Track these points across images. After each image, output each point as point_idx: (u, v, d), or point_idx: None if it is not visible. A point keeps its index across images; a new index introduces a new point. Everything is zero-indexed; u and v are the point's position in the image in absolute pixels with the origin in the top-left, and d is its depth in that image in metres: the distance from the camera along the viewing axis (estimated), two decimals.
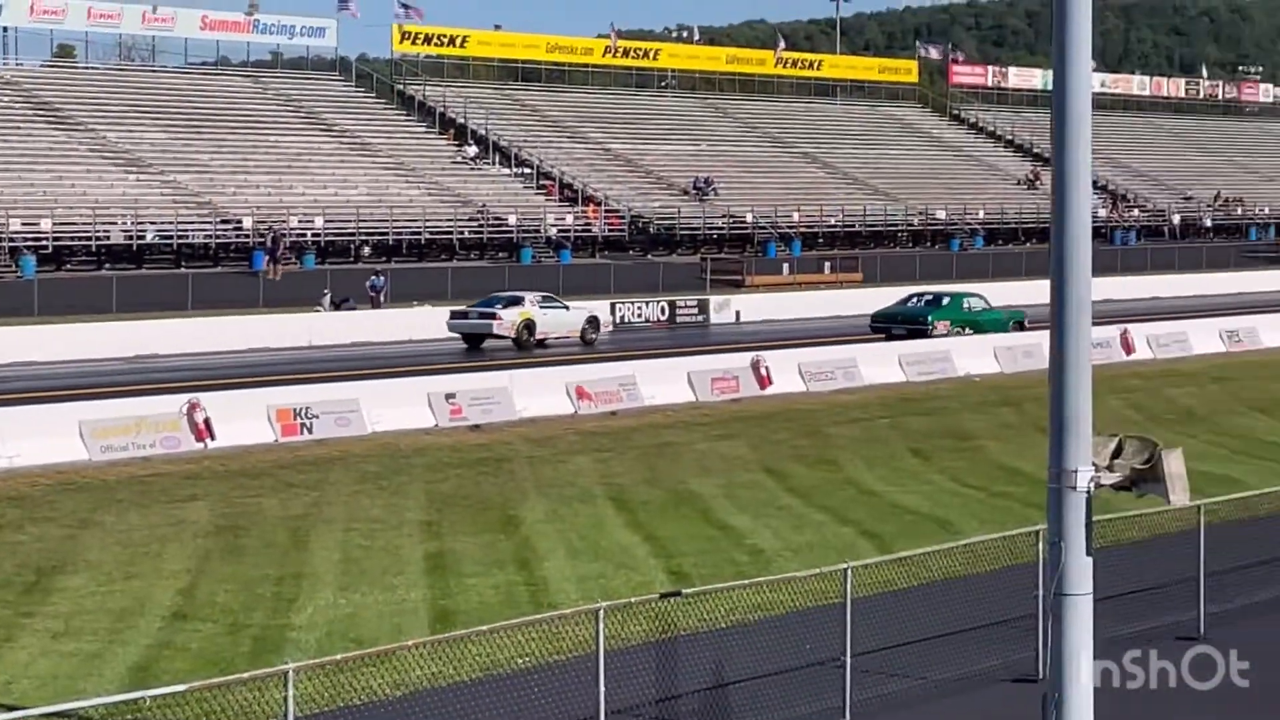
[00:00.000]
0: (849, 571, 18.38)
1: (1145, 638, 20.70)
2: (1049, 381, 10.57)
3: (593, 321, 59.56)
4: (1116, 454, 10.78)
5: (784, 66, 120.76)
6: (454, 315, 58.40)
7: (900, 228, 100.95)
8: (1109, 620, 17.60)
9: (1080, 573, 10.41)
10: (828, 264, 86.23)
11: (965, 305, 60.89)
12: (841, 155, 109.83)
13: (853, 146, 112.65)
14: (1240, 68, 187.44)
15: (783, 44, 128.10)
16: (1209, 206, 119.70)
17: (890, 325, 59.01)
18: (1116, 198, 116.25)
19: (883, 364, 48.11)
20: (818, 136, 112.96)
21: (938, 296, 61.49)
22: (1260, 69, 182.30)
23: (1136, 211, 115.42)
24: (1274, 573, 23.59)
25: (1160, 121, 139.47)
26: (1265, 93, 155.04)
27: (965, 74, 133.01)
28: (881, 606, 19.99)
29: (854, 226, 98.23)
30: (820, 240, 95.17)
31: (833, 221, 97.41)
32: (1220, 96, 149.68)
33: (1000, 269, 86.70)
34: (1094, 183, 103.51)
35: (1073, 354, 10.41)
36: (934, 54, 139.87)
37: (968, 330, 58.02)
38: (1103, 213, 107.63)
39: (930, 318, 59.15)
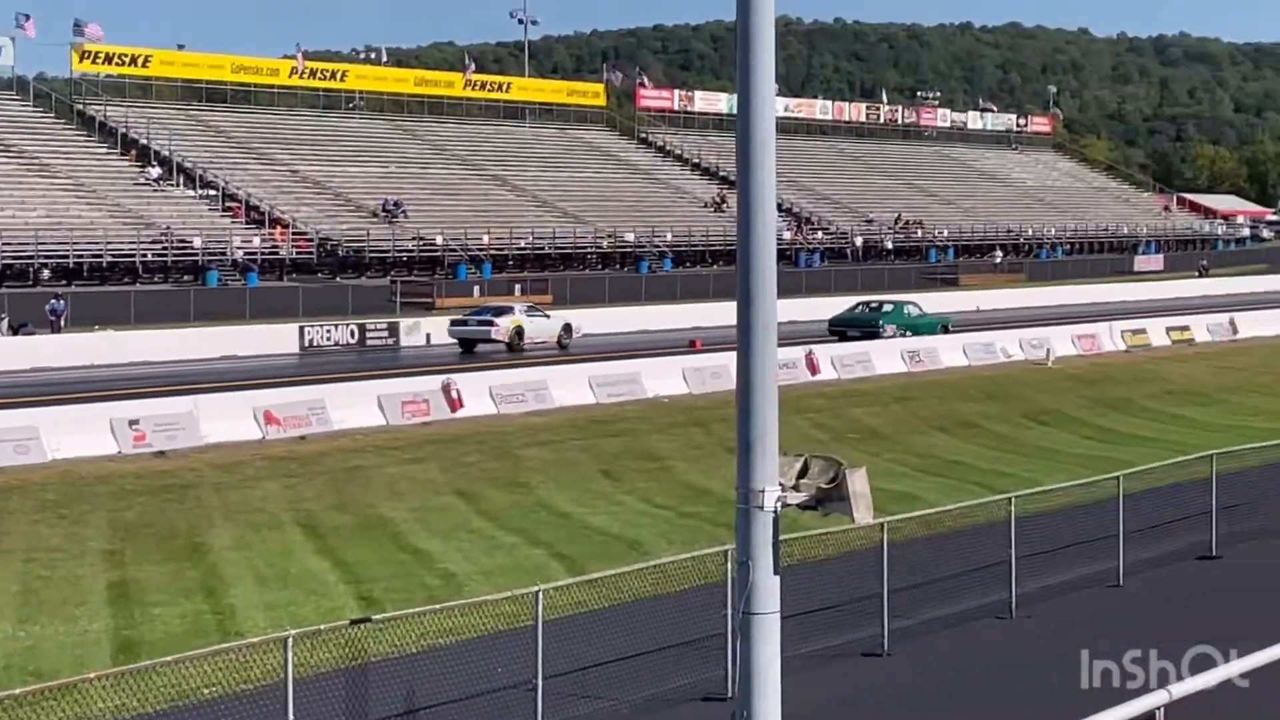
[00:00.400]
0: (540, 594, 18.36)
1: (831, 654, 21.06)
2: (736, 402, 10.64)
3: (566, 328, 65.71)
4: (802, 473, 10.89)
5: (473, 89, 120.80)
6: (454, 323, 64.76)
7: (589, 250, 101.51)
8: (797, 638, 17.84)
9: (768, 591, 10.48)
10: (518, 286, 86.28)
11: (906, 311, 69.31)
12: (531, 177, 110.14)
13: (542, 169, 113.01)
14: (919, 93, 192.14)
15: (472, 66, 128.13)
16: (890, 229, 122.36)
17: (846, 328, 67.01)
18: (801, 220, 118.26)
19: (573, 386, 48.18)
20: (507, 159, 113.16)
21: (880, 304, 70.93)
22: (938, 94, 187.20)
23: (820, 234, 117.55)
24: (955, 588, 24.09)
25: (842, 145, 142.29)
26: (943, 117, 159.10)
27: (652, 97, 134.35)
28: (573, 628, 19.99)
29: (543, 249, 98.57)
30: (510, 262, 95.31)
31: (522, 244, 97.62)
32: (900, 121, 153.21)
33: (688, 291, 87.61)
34: (778, 205, 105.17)
35: (759, 375, 10.49)
36: (621, 76, 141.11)
37: (908, 333, 65.67)
38: (787, 235, 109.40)
39: (881, 322, 67.31)
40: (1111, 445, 42.24)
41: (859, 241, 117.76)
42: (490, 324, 63.44)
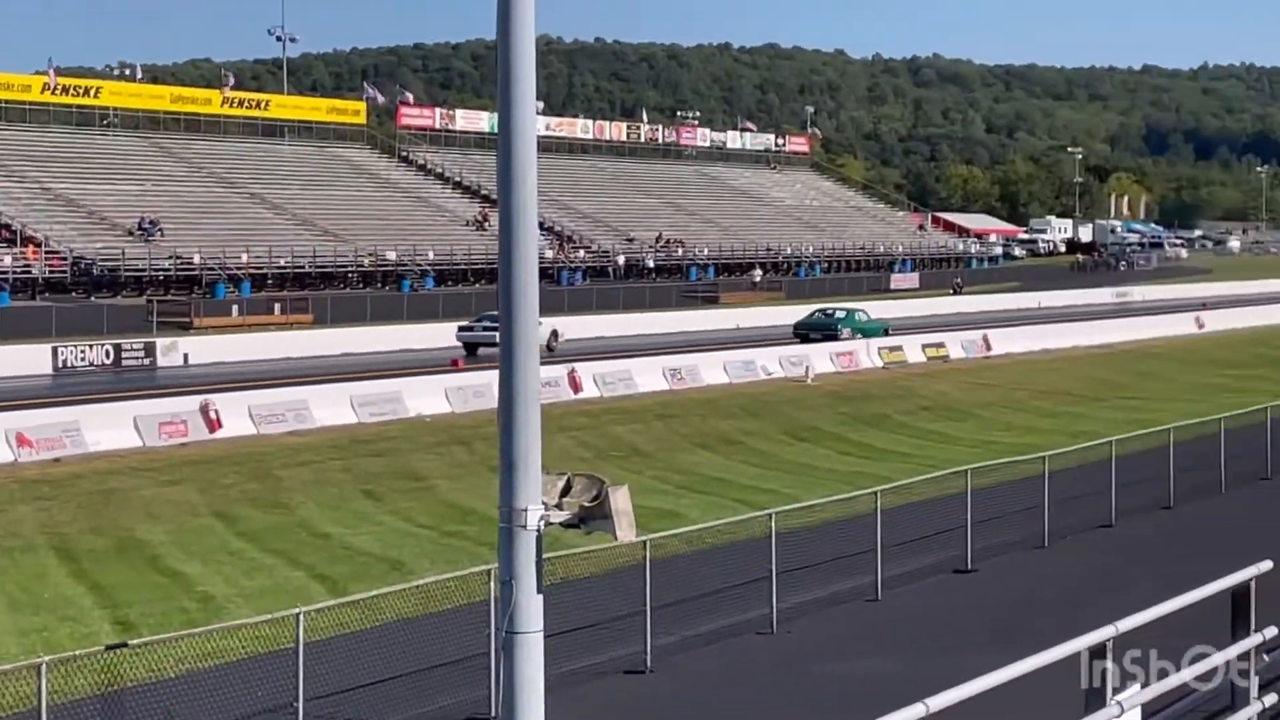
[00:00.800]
0: (300, 616, 18.17)
1: (595, 672, 21.10)
2: (498, 420, 10.62)
3: (554, 334, 70.23)
4: (565, 492, 10.88)
5: (230, 106, 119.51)
6: (461, 329, 70.63)
7: (350, 269, 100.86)
8: (561, 656, 17.85)
9: (531, 610, 10.47)
10: (278, 305, 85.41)
11: (857, 317, 78.14)
12: (290, 196, 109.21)
13: (301, 187, 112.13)
14: (679, 113, 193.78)
15: (231, 80, 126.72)
16: (651, 247, 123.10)
17: (809, 332, 75.79)
18: (563, 239, 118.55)
19: (334, 405, 47.81)
20: (266, 177, 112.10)
21: (835, 311, 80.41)
22: (698, 114, 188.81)
23: (582, 252, 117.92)
24: (717, 604, 24.26)
25: (604, 164, 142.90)
26: (703, 137, 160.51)
27: (413, 116, 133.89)
28: (335, 650, 19.83)
29: (304, 267, 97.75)
30: (270, 281, 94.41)
31: (282, 262, 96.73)
32: (660, 140, 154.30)
33: (451, 309, 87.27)
34: (540, 224, 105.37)
35: (521, 393, 10.48)
36: (381, 96, 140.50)
37: (859, 335, 74.17)
38: (549, 254, 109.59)
39: (838, 325, 76.33)
40: (869, 461, 42.83)
41: (621, 260, 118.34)
42: (496, 329, 65.92)
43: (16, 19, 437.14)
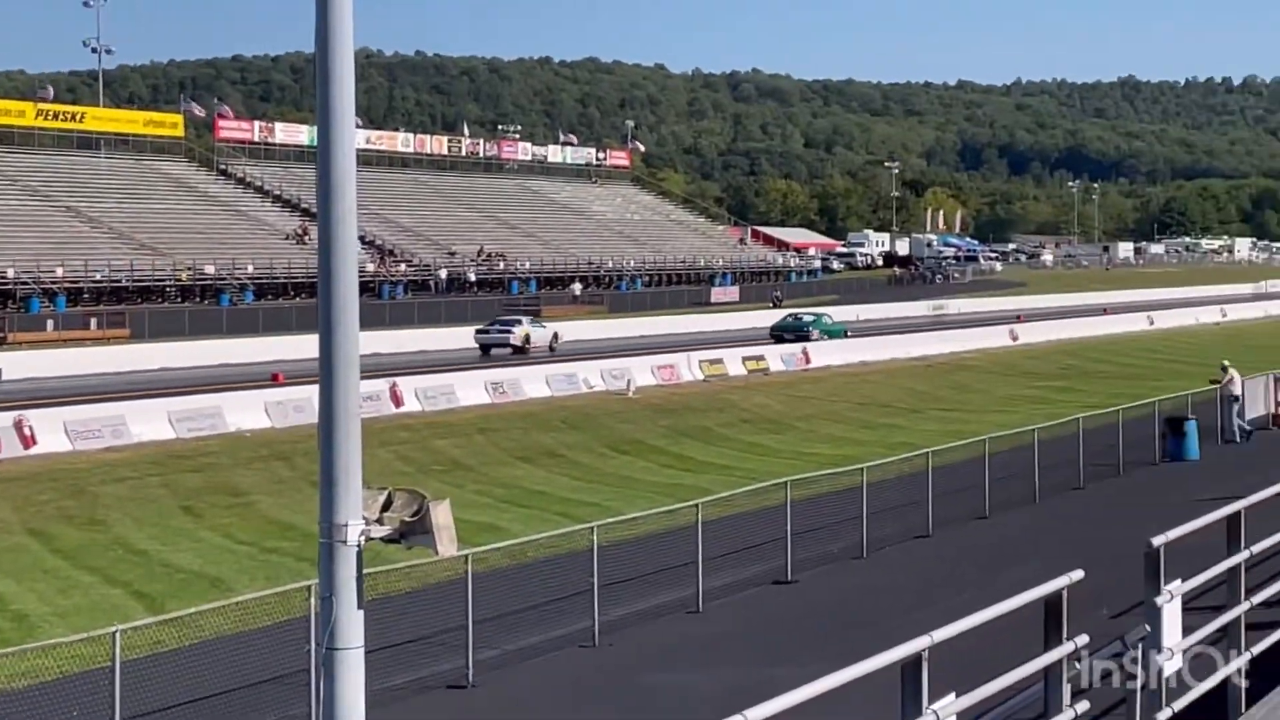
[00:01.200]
0: (117, 634, 17.96)
1: (417, 688, 21.04)
2: (319, 435, 10.57)
3: (555, 336, 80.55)
4: (386, 507, 10.85)
5: (45, 119, 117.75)
6: (478, 332, 79.26)
7: (168, 283, 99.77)
8: (382, 672, 17.79)
9: (352, 626, 10.43)
10: (94, 320, 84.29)
11: (824, 321, 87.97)
12: (106, 209, 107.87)
13: (118, 200, 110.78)
14: (500, 126, 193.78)
15: (50, 92, 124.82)
16: (473, 261, 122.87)
17: (784, 334, 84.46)
18: (384, 253, 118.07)
19: (152, 421, 47.27)
20: (82, 190, 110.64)
21: (804, 316, 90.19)
22: (519, 128, 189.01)
23: (404, 266, 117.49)
24: (539, 618, 24.28)
25: (424, 178, 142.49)
26: (524, 151, 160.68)
27: (232, 129, 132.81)
28: (153, 668, 19.61)
29: (120, 282, 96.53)
30: (86, 296, 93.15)
31: (98, 277, 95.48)
32: (481, 154, 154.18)
33: (271, 324, 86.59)
34: (361, 238, 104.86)
35: (341, 408, 10.44)
36: (199, 108, 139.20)
37: (826, 336, 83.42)
38: (370, 268, 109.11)
39: (810, 328, 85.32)
40: (690, 473, 43.02)
41: (443, 274, 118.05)
42: (509, 331, 78.47)
43: None
